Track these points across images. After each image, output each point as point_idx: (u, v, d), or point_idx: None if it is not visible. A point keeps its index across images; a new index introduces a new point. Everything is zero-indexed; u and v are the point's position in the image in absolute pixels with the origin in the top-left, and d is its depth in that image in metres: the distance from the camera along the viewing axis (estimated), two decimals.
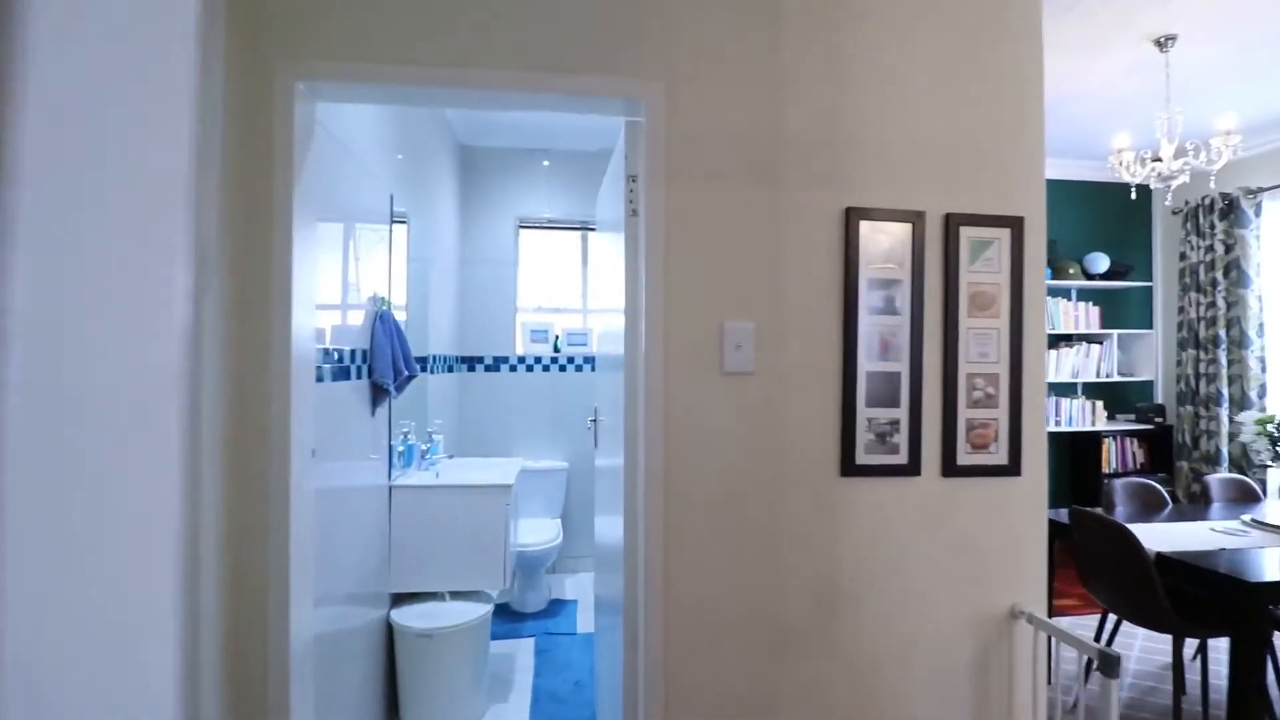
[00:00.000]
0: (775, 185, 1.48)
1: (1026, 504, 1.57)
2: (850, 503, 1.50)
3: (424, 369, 2.98)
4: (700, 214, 1.46)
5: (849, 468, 1.48)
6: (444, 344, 3.44)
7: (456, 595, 2.38)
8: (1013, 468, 1.55)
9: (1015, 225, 1.55)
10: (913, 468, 1.51)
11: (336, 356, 1.79)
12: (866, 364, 1.49)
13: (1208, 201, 4.17)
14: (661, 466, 1.44)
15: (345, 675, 1.92)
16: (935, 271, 1.53)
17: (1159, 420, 4.40)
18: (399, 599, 2.36)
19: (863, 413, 1.49)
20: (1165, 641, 2.97)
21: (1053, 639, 1.49)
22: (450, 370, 3.59)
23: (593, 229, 3.99)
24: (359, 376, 1.98)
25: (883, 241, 1.50)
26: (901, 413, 1.50)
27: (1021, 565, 1.57)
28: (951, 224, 1.52)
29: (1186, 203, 4.29)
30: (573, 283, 4.14)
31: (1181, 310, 4.36)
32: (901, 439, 1.51)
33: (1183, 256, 4.35)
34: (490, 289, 3.93)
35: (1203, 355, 4.21)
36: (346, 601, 1.92)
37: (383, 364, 2.08)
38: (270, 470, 1.34)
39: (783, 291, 1.48)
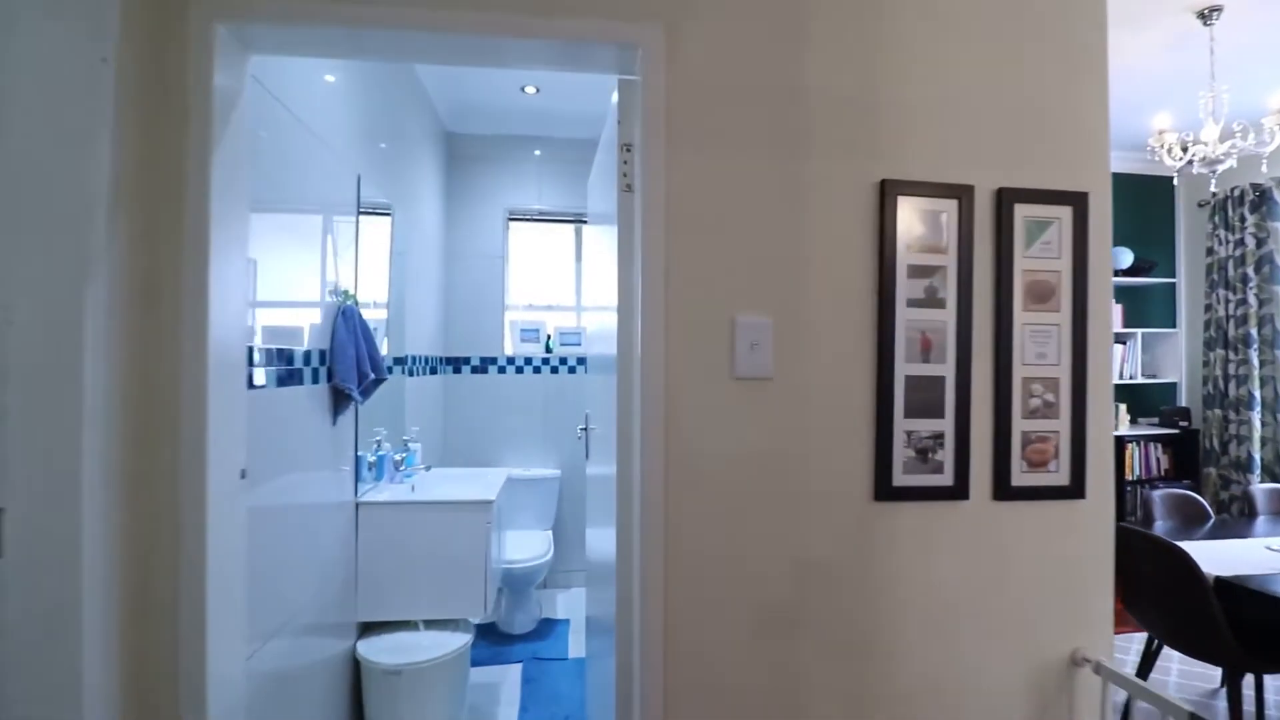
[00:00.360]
0: (797, 153, 1.24)
1: (1091, 532, 1.33)
2: (886, 532, 1.26)
3: (404, 371, 2.74)
4: (707, 188, 1.23)
5: (884, 490, 1.25)
6: (427, 344, 3.19)
7: (432, 624, 2.13)
8: (1075, 489, 1.31)
9: (1078, 203, 1.31)
10: (959, 490, 1.27)
11: (284, 358, 1.55)
12: (905, 367, 1.25)
13: (1237, 193, 3.95)
14: (661, 492, 1.20)
15: (300, 718, 1.68)
16: (985, 257, 1.29)
17: (1184, 424, 4.17)
18: (367, 628, 2.11)
19: (900, 425, 1.25)
20: (1205, 664, 2.74)
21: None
22: (434, 372, 3.35)
23: (587, 222, 3.75)
24: (315, 381, 1.74)
25: (924, 221, 1.26)
26: (946, 425, 1.27)
27: (1085, 604, 1.33)
28: (1004, 201, 1.29)
29: (1214, 195, 4.06)
30: (566, 279, 3.89)
31: (1208, 308, 4.13)
32: (946, 456, 1.27)
33: (1210, 251, 4.12)
34: (477, 285, 3.69)
35: (1232, 355, 3.98)
36: (303, 633, 1.68)
37: (344, 366, 1.83)
38: (181, 496, 1.09)
39: (806, 280, 1.24)
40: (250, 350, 1.37)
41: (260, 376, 1.42)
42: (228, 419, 1.17)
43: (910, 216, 1.25)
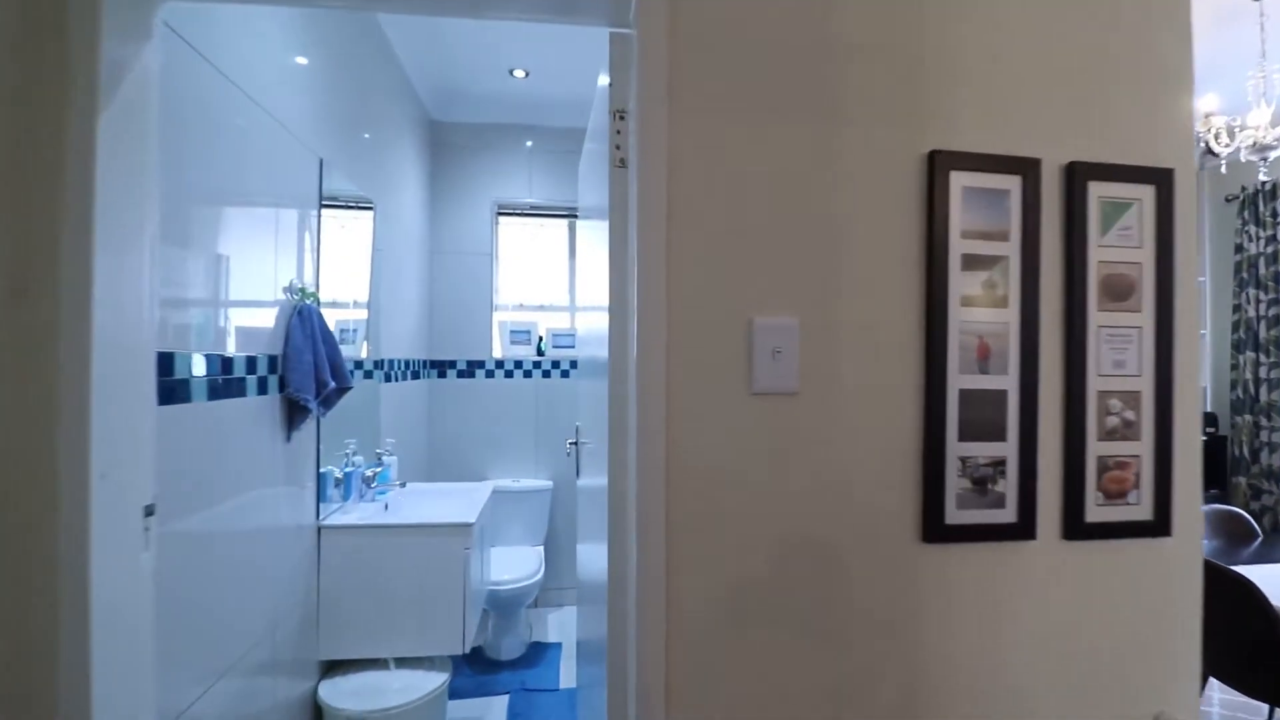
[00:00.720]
0: (827, 119, 1.02)
1: (1178, 576, 1.11)
2: (937, 580, 1.03)
3: (382, 376, 2.51)
4: (718, 162, 1.00)
5: (935, 530, 1.02)
6: (408, 346, 2.97)
7: (404, 661, 1.91)
8: (1159, 525, 1.09)
9: (1162, 181, 1.09)
10: (1024, 528, 1.05)
11: (219, 365, 1.32)
12: (959, 379, 1.03)
13: (1268, 188, 3.73)
14: (663, 532, 0.97)
15: None
16: (1053, 245, 1.07)
17: (1211, 431, 3.97)
18: (331, 667, 1.89)
19: (953, 450, 1.03)
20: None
21: None
22: (417, 376, 3.12)
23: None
24: (263, 391, 1.51)
25: (981, 201, 1.04)
26: (1008, 449, 1.04)
27: (1170, 661, 1.11)
28: (1076, 177, 1.06)
29: (1244, 189, 3.85)
30: (559, 277, 3.67)
31: (1237, 308, 3.92)
32: (1008, 486, 1.04)
33: (1239, 249, 3.91)
34: (464, 283, 3.46)
35: (1264, 358, 3.77)
36: (253, 674, 1.47)
37: (300, 375, 1.61)
38: (60, 549, 0.87)
39: (837, 273, 1.02)
40: (170, 357, 1.15)
41: (181, 388, 1.20)
42: (125, 443, 0.94)
43: (965, 196, 1.03)
